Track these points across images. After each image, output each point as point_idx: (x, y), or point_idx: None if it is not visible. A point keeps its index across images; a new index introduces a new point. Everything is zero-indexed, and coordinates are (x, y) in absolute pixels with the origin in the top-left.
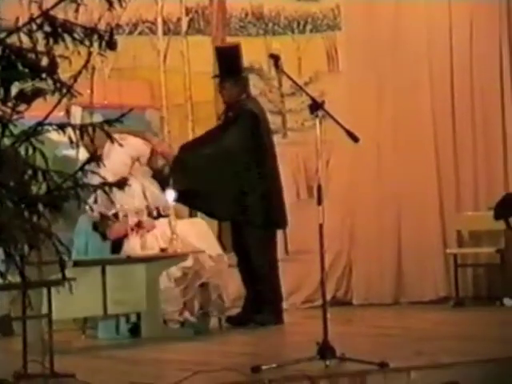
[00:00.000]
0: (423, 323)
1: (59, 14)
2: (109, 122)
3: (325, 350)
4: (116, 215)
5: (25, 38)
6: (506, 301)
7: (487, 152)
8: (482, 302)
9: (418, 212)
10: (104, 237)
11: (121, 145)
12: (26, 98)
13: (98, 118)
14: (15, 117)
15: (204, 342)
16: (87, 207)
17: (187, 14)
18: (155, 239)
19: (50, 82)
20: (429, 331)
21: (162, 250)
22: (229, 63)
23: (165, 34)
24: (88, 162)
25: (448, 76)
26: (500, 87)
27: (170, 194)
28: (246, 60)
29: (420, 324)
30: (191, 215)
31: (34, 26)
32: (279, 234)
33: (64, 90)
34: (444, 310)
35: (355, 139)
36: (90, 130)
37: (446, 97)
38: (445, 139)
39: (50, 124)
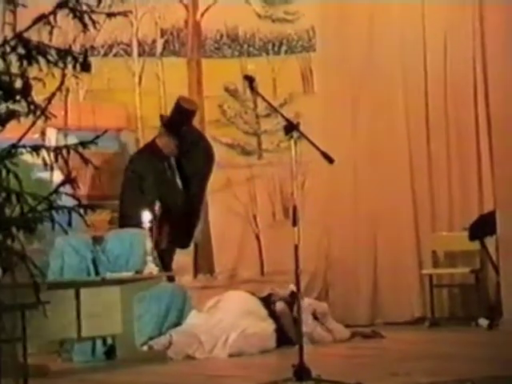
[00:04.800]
0: (399, 344)
1: (33, 35)
2: (83, 143)
3: (301, 372)
4: None
5: None
6: (481, 321)
7: (462, 172)
8: (457, 322)
9: (394, 232)
10: None
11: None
12: (0, 120)
13: (72, 140)
14: None
15: (179, 364)
16: None
17: (162, 36)
18: None
19: (24, 104)
20: (404, 352)
21: (137, 272)
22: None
23: (140, 55)
24: (62, 184)
25: (422, 96)
26: (474, 107)
27: (146, 216)
28: (222, 81)
29: (396, 345)
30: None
31: (8, 48)
32: (255, 254)
33: (38, 112)
34: (420, 331)
35: (330, 160)
36: (65, 152)
37: (420, 117)
38: (420, 160)
39: (24, 146)
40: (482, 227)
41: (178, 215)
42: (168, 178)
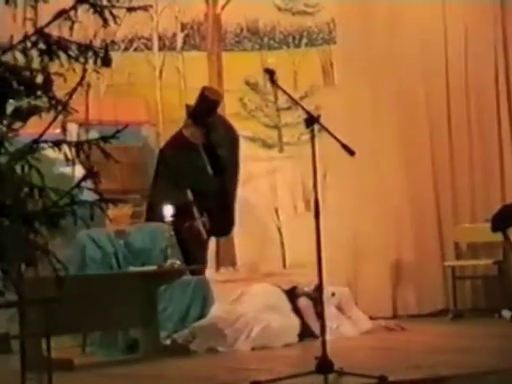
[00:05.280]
0: (422, 336)
1: (54, 31)
2: (104, 138)
3: (323, 365)
4: None
5: (20, 56)
6: (505, 312)
7: (484, 164)
8: (480, 314)
9: (416, 224)
10: None
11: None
12: (22, 115)
13: (94, 134)
14: (11, 134)
15: (203, 357)
16: None
17: (182, 30)
18: None
19: (45, 99)
20: (428, 344)
21: (159, 266)
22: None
23: (160, 49)
24: (84, 178)
25: (444, 88)
26: (496, 101)
27: (168, 210)
28: (242, 75)
29: (419, 337)
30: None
31: (29, 44)
32: (277, 247)
33: (59, 107)
34: (443, 323)
35: (351, 153)
36: (86, 146)
37: (442, 108)
38: (441, 152)
39: (46, 141)
40: (505, 219)
41: (213, 203)
42: (199, 166)
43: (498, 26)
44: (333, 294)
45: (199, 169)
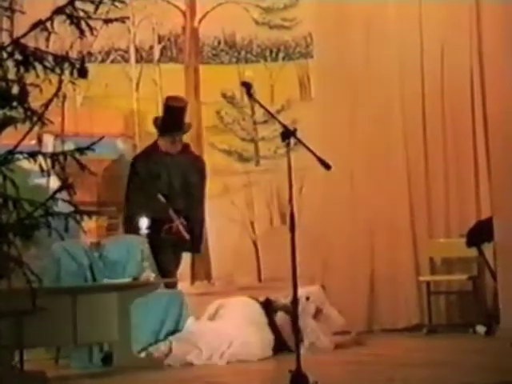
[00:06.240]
0: (396, 350)
1: (30, 42)
2: (80, 150)
3: (298, 379)
4: None
5: None
6: (479, 328)
7: (459, 179)
8: (454, 329)
9: (391, 239)
10: None
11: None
12: None
13: (69, 146)
14: None
15: (177, 371)
16: None
17: (160, 42)
18: None
19: (20, 110)
20: (402, 358)
21: (135, 278)
22: (179, 119)
23: (137, 61)
24: (59, 190)
25: (419, 103)
26: (471, 114)
27: (144, 222)
28: (219, 88)
29: (393, 351)
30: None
31: (5, 55)
32: (253, 260)
33: (35, 119)
34: (417, 338)
35: (327, 166)
36: (61, 158)
37: (417, 123)
38: (417, 166)
39: (21, 152)
40: (480, 234)
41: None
42: (169, 175)
43: (474, 39)
44: (307, 298)
45: (169, 177)
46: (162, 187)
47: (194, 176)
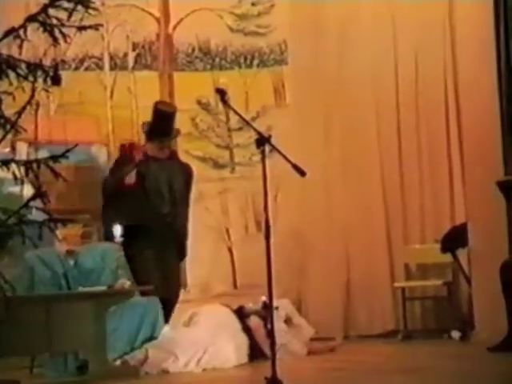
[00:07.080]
0: (371, 357)
1: (3, 49)
2: (54, 157)
3: None
4: None
5: None
6: (454, 333)
7: (433, 185)
8: (430, 335)
9: (366, 245)
10: None
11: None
12: None
13: (43, 153)
14: None
15: (154, 379)
16: None
17: (134, 50)
18: None
19: None
20: (377, 365)
21: (109, 286)
22: (168, 124)
23: (111, 69)
24: (33, 198)
25: (394, 109)
26: (445, 121)
27: (118, 230)
28: (194, 95)
29: (368, 357)
30: None
31: None
32: (228, 267)
33: (8, 126)
34: (393, 343)
35: (302, 173)
36: (35, 166)
37: (392, 129)
38: (392, 172)
39: None
40: (454, 239)
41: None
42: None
43: (448, 45)
44: (276, 308)
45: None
46: (149, 192)
47: (181, 182)
